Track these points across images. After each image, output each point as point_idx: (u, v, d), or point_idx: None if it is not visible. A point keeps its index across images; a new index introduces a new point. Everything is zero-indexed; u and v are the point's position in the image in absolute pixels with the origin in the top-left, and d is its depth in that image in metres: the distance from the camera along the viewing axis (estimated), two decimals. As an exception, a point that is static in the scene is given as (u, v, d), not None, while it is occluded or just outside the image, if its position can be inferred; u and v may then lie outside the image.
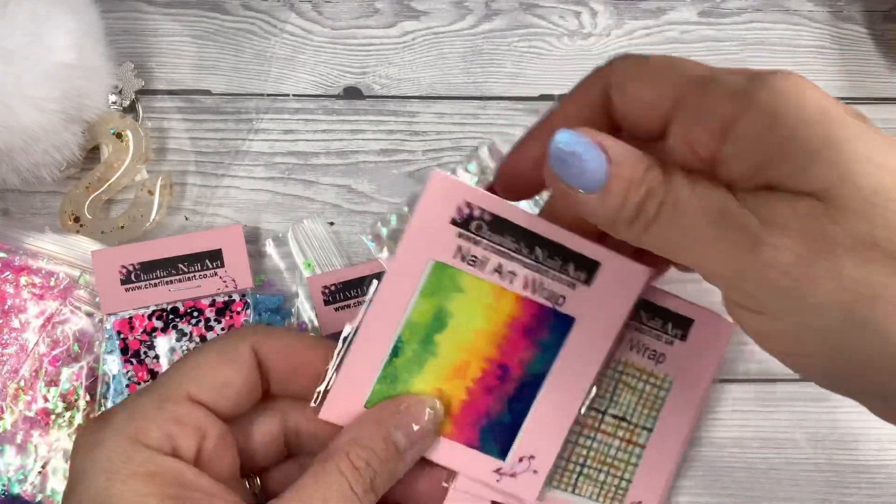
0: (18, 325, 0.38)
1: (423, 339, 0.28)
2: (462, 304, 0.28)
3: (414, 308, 0.27)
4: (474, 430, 0.29)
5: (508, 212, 0.26)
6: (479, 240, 0.27)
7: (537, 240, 0.27)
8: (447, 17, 0.43)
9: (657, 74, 0.23)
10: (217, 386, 0.27)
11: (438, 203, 0.26)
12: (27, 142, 0.36)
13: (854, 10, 0.43)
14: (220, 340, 0.28)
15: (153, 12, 0.43)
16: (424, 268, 0.27)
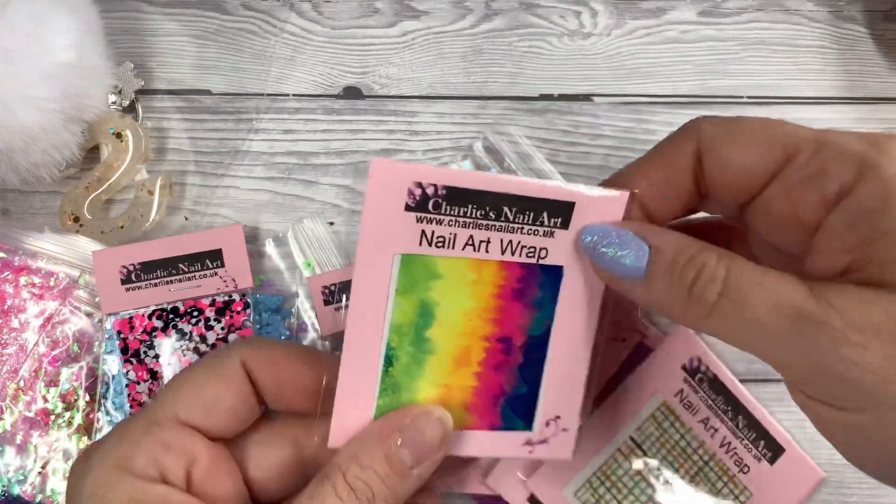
0: (18, 325, 0.38)
1: (414, 339, 0.26)
2: (444, 290, 0.26)
3: (394, 310, 0.26)
4: (494, 412, 0.28)
5: (463, 179, 0.25)
6: (441, 218, 0.25)
7: (501, 199, 0.25)
8: (447, 16, 0.43)
9: (758, 136, 0.22)
10: (206, 405, 0.26)
11: (386, 192, 0.24)
12: (26, 141, 0.36)
13: (854, 10, 0.43)
14: (208, 357, 0.27)
15: (153, 12, 0.43)
16: (391, 264, 0.25)
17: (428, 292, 0.26)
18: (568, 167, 0.41)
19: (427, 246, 0.25)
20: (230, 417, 0.26)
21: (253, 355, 0.27)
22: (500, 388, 0.27)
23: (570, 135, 0.42)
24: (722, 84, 0.42)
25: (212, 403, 0.26)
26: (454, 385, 0.27)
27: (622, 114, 0.42)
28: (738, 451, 0.35)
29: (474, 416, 0.27)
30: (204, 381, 0.26)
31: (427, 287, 0.26)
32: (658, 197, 0.25)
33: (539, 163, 0.41)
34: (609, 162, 0.41)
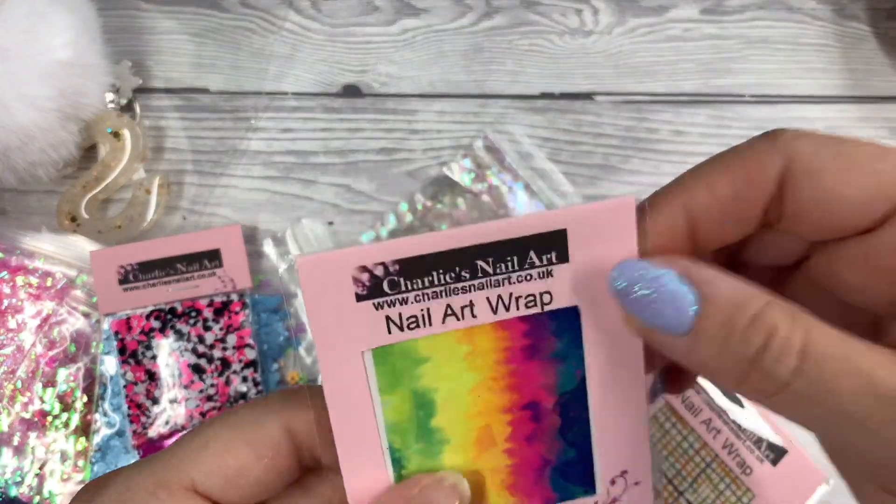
0: (15, 326, 0.38)
1: (420, 434, 0.23)
2: (437, 373, 0.22)
3: (384, 411, 0.22)
4: (544, 486, 0.24)
5: (416, 246, 0.21)
6: (404, 297, 0.21)
7: (471, 253, 0.21)
8: (447, 14, 0.43)
9: (874, 166, 0.18)
10: (227, 475, 0.22)
11: (327, 290, 0.21)
12: (23, 140, 0.36)
13: (858, 8, 0.43)
14: (241, 411, 0.23)
15: (150, 10, 0.43)
16: (363, 364, 0.22)
17: (418, 381, 0.22)
18: (569, 166, 0.41)
19: (399, 331, 0.22)
20: (257, 490, 0.23)
21: (303, 417, 0.23)
22: (543, 460, 0.24)
23: (571, 133, 0.41)
24: (724, 82, 0.42)
25: (234, 475, 0.22)
26: (485, 470, 0.24)
27: (624, 112, 0.42)
28: (740, 452, 0.35)
29: (522, 496, 0.24)
30: (229, 446, 0.22)
31: (415, 375, 0.22)
32: (716, 217, 0.20)
33: (540, 162, 0.40)
34: (611, 161, 0.41)
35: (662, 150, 0.41)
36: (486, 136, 0.41)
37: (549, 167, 0.40)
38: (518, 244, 0.21)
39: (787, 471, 0.36)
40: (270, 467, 0.22)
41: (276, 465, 0.22)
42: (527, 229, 0.21)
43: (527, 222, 0.21)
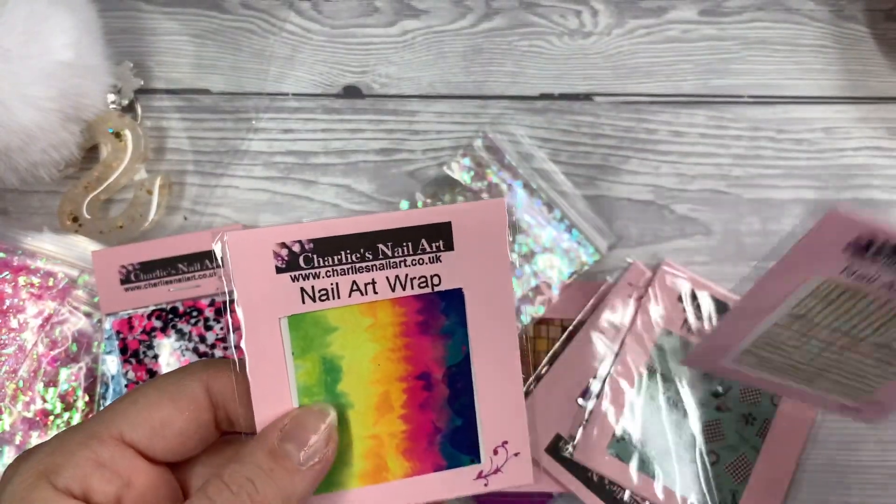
0: (17, 326, 0.38)
1: (327, 397, 0.25)
2: (343, 342, 0.25)
3: (296, 373, 0.25)
4: (434, 452, 0.27)
5: (327, 228, 0.25)
6: (317, 272, 0.25)
7: (373, 237, 0.25)
8: (447, 15, 0.43)
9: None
10: (153, 427, 0.24)
11: (251, 262, 0.24)
12: (25, 141, 0.36)
13: (856, 10, 0.43)
14: (166, 375, 0.26)
15: (152, 11, 0.43)
16: (279, 328, 0.25)
17: (327, 348, 0.25)
18: (568, 166, 0.41)
19: (312, 302, 0.25)
20: (179, 442, 0.25)
21: (220, 380, 0.26)
22: (433, 427, 0.27)
23: (570, 134, 0.42)
24: (723, 83, 0.42)
25: (159, 426, 0.24)
26: (384, 434, 0.26)
27: (623, 113, 0.42)
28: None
29: (416, 462, 0.27)
30: (155, 401, 0.25)
31: (324, 342, 0.25)
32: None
33: (541, 162, 0.41)
34: (609, 161, 0.41)
35: (661, 150, 0.41)
36: (486, 135, 0.41)
37: (550, 168, 0.40)
38: (412, 232, 0.25)
39: None
40: (191, 419, 0.25)
41: (197, 418, 0.25)
42: (419, 220, 0.25)
43: (419, 214, 0.25)
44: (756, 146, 0.42)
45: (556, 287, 0.39)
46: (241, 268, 0.24)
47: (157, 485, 0.25)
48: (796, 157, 0.41)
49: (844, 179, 0.41)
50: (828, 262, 0.28)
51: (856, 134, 0.42)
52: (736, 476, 0.36)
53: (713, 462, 0.36)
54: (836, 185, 0.41)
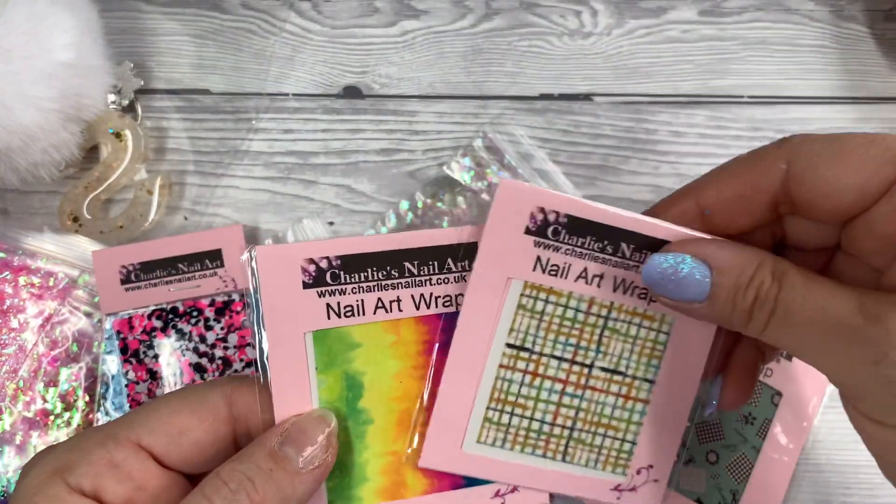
0: (17, 326, 0.38)
1: (349, 412, 0.26)
2: (366, 358, 0.25)
3: (319, 389, 0.25)
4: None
5: (356, 245, 0.25)
6: (342, 288, 0.25)
7: (400, 255, 0.25)
8: (447, 16, 0.43)
9: (864, 153, 0.22)
10: (171, 433, 0.24)
11: (280, 275, 0.24)
12: (25, 141, 0.36)
13: (855, 10, 0.43)
14: (192, 386, 0.26)
15: (152, 11, 0.43)
16: (304, 343, 0.25)
17: (350, 364, 0.25)
18: (568, 167, 0.41)
19: (337, 318, 0.25)
20: (195, 452, 0.25)
21: (243, 395, 0.25)
22: None
23: (570, 134, 0.42)
24: (723, 83, 0.42)
25: (177, 433, 0.25)
26: (403, 451, 0.26)
27: (623, 113, 0.42)
28: (636, 283, 0.27)
29: (434, 479, 0.27)
30: (176, 409, 0.25)
31: (348, 359, 0.25)
32: (724, 211, 0.25)
33: (541, 163, 0.41)
34: (609, 161, 0.41)
35: (661, 150, 0.42)
36: (486, 134, 0.41)
37: (550, 168, 0.41)
38: (438, 251, 0.25)
39: None
40: (210, 430, 0.25)
41: (216, 430, 0.25)
42: (447, 239, 0.25)
43: (447, 234, 0.25)
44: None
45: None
46: (269, 281, 0.24)
47: (171, 491, 0.25)
48: (796, 158, 0.42)
49: (844, 179, 0.41)
50: (516, 255, 0.24)
51: (855, 134, 0.42)
52: (736, 476, 0.36)
53: (713, 462, 0.36)
54: (836, 185, 0.41)
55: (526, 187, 0.24)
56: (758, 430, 0.37)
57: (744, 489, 0.36)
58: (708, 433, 0.37)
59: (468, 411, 0.26)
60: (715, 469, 0.36)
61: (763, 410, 0.37)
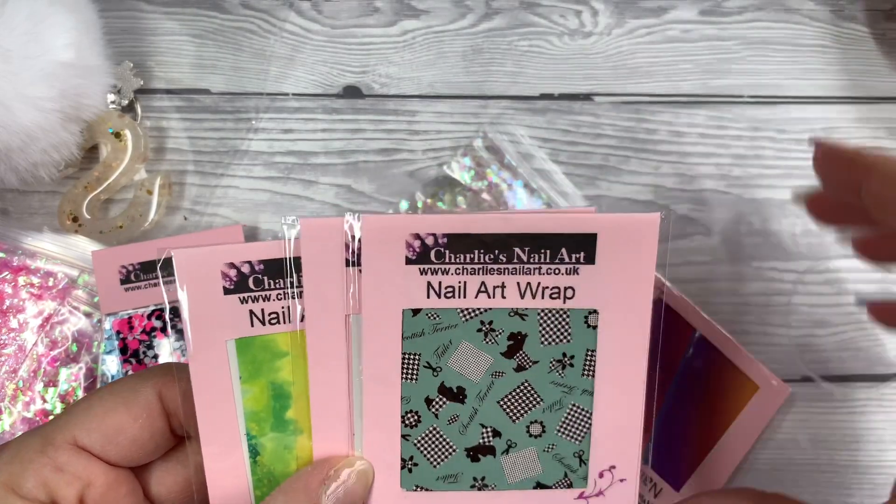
0: (17, 326, 0.38)
1: (276, 424, 0.25)
2: (293, 367, 0.24)
3: (244, 398, 0.24)
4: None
5: (273, 250, 0.23)
6: (266, 294, 0.24)
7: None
8: (447, 15, 0.43)
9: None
10: (107, 433, 0.24)
11: (201, 281, 0.23)
12: (25, 141, 0.36)
13: (856, 10, 0.43)
14: (120, 382, 0.26)
15: (152, 11, 0.43)
16: (225, 351, 0.24)
17: (277, 373, 0.24)
18: (568, 167, 0.41)
19: (261, 325, 0.24)
20: (133, 449, 0.25)
21: (171, 389, 0.25)
22: None
23: (570, 134, 0.42)
24: (723, 83, 0.42)
25: (113, 433, 0.24)
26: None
27: (623, 113, 0.42)
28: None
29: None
30: (110, 407, 0.25)
31: (274, 368, 0.24)
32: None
33: (541, 162, 0.41)
34: (609, 161, 0.41)
35: (661, 150, 0.41)
36: (486, 134, 0.41)
37: (550, 167, 0.40)
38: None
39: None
40: (145, 427, 0.25)
41: (151, 426, 0.25)
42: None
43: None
44: (756, 146, 0.42)
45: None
46: (189, 286, 0.23)
47: (119, 484, 0.25)
48: (796, 157, 0.42)
49: (844, 179, 0.41)
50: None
51: (856, 134, 0.42)
52: (574, 435, 0.27)
53: (539, 434, 0.27)
54: (837, 185, 0.41)
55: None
56: (582, 370, 0.26)
57: (588, 446, 0.27)
58: (519, 405, 0.27)
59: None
60: (545, 440, 0.27)
61: (579, 342, 0.26)
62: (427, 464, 0.26)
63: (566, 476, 0.26)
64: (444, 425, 0.25)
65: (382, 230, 0.23)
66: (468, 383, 0.25)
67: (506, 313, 0.25)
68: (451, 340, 0.25)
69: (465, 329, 0.25)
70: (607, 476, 0.26)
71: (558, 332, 0.25)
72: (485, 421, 0.26)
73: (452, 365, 0.25)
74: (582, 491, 0.26)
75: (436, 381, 0.25)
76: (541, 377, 0.25)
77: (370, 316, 0.24)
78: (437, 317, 0.25)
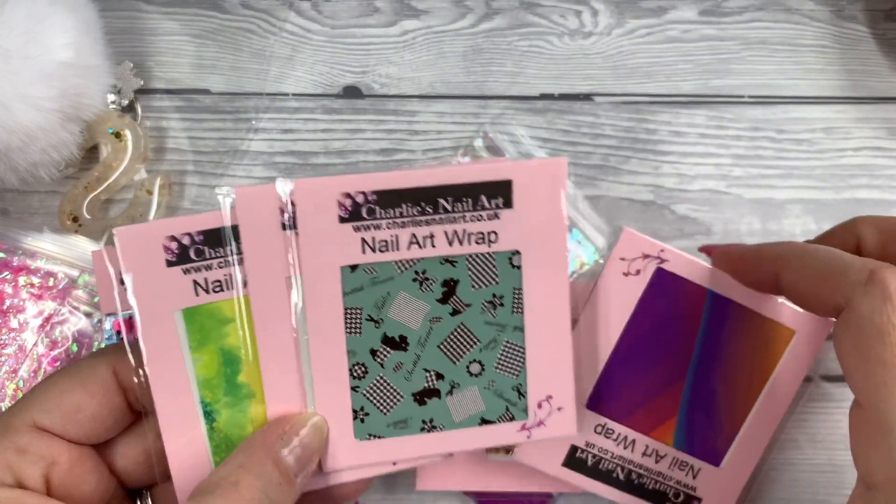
0: (17, 326, 0.38)
1: (228, 389, 0.25)
2: (241, 332, 0.25)
3: (195, 366, 0.25)
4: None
5: (213, 220, 0.24)
6: (208, 263, 0.25)
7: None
8: (447, 15, 0.43)
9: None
10: (66, 412, 0.25)
11: (142, 255, 0.24)
12: (25, 141, 0.36)
13: (856, 10, 0.43)
14: (75, 363, 0.26)
15: (152, 11, 0.43)
16: (174, 322, 0.25)
17: (225, 339, 0.25)
18: (568, 166, 0.41)
19: (206, 294, 0.25)
20: (93, 426, 0.26)
21: (125, 366, 0.26)
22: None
23: (570, 134, 0.42)
24: (723, 83, 0.42)
25: (72, 412, 0.25)
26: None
27: (623, 113, 0.42)
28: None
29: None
30: (67, 388, 0.25)
31: (222, 334, 0.25)
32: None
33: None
34: (609, 161, 0.41)
35: (661, 150, 0.41)
36: (486, 134, 0.41)
37: (549, 168, 0.40)
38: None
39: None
40: (103, 403, 0.25)
41: (109, 402, 0.26)
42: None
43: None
44: (756, 146, 0.42)
45: (557, 287, 0.39)
46: (132, 261, 0.24)
47: (82, 459, 0.25)
48: (796, 157, 0.42)
49: (844, 179, 0.41)
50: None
51: (856, 134, 0.42)
52: (511, 369, 0.29)
53: (479, 373, 0.29)
54: (836, 185, 0.41)
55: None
56: (511, 308, 0.28)
57: (525, 378, 0.29)
58: (458, 347, 0.28)
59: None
60: (485, 377, 0.29)
61: (506, 282, 0.28)
62: (377, 412, 0.27)
63: (508, 410, 0.28)
64: (390, 374, 0.27)
65: (314, 192, 0.24)
66: (409, 331, 0.27)
67: (437, 262, 0.26)
68: (389, 292, 0.26)
69: (401, 280, 0.26)
70: (545, 406, 0.28)
71: (486, 274, 0.27)
72: (428, 365, 0.27)
73: (392, 315, 0.26)
74: (524, 422, 0.28)
75: (378, 332, 0.26)
76: (475, 319, 0.27)
77: (310, 276, 0.25)
78: (374, 271, 0.26)
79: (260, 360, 0.25)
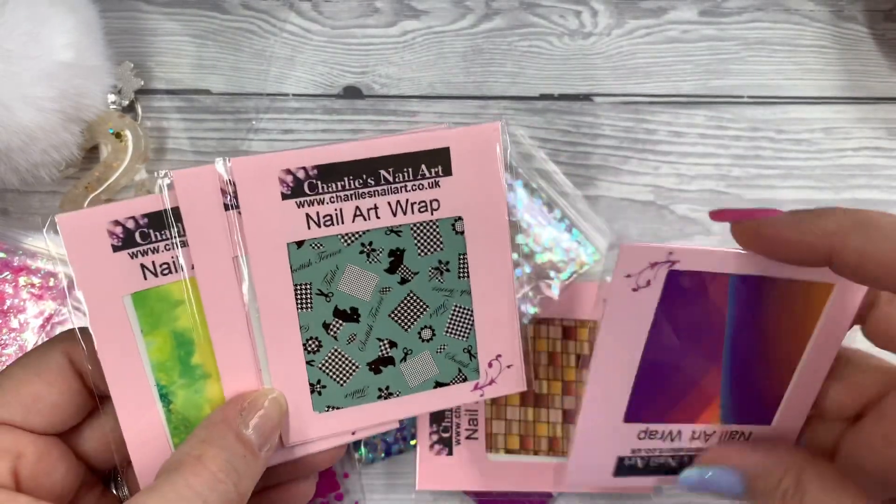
0: (18, 326, 0.38)
1: (182, 371, 0.25)
2: (192, 314, 0.25)
3: (148, 350, 0.25)
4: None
5: (152, 203, 0.24)
6: (155, 246, 0.24)
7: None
8: (447, 16, 0.43)
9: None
10: (24, 404, 0.25)
11: (86, 241, 0.24)
12: (25, 141, 0.36)
13: (855, 10, 0.43)
14: (30, 351, 0.26)
15: (152, 11, 0.43)
16: (123, 307, 0.24)
17: (176, 321, 0.25)
18: (568, 167, 0.41)
19: (154, 277, 0.25)
20: (55, 414, 0.25)
21: (79, 352, 0.25)
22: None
23: (570, 134, 0.42)
24: (723, 84, 0.42)
25: (31, 402, 0.25)
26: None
27: (622, 113, 0.42)
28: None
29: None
30: (23, 379, 0.25)
31: (173, 317, 0.25)
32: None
33: (541, 162, 0.41)
34: (609, 161, 0.41)
35: (661, 150, 0.42)
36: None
37: (550, 168, 0.41)
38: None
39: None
40: (63, 391, 0.25)
41: (68, 389, 0.25)
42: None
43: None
44: (756, 146, 0.42)
45: (556, 287, 0.39)
46: (76, 248, 0.24)
47: (49, 451, 0.25)
48: (796, 158, 0.42)
49: (844, 179, 0.41)
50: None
51: (856, 134, 0.42)
52: (460, 332, 0.30)
53: (430, 338, 0.29)
54: (836, 186, 0.41)
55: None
56: (458, 273, 0.29)
57: (475, 340, 0.30)
58: (408, 314, 0.29)
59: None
60: (436, 341, 0.29)
61: (451, 248, 0.29)
62: (334, 384, 0.27)
63: (460, 371, 0.29)
64: (344, 345, 0.27)
65: (255, 170, 0.24)
66: (360, 303, 0.27)
67: (383, 232, 0.27)
68: (337, 266, 0.26)
69: (348, 253, 0.26)
70: (495, 365, 0.29)
71: (431, 242, 0.27)
72: (380, 335, 0.28)
73: (342, 288, 0.27)
74: (476, 382, 0.29)
75: (329, 305, 0.27)
76: (423, 286, 0.28)
77: (257, 254, 0.25)
78: (321, 246, 0.26)
79: (212, 340, 0.25)
